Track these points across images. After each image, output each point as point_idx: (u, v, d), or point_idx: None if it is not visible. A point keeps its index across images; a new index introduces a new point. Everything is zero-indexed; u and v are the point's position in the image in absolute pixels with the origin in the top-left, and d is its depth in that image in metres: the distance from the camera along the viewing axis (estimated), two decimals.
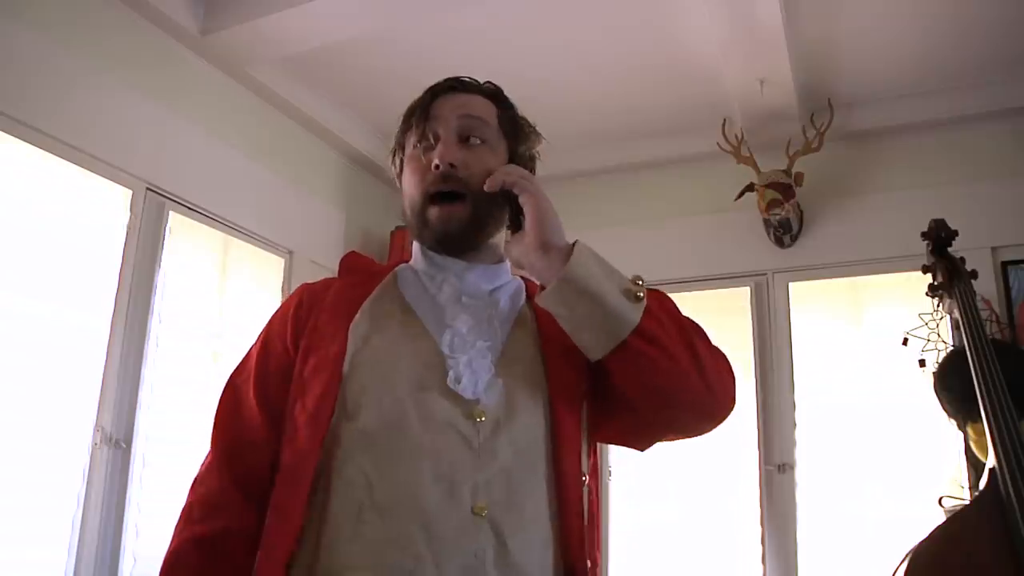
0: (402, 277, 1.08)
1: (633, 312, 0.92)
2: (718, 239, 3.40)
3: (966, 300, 2.08)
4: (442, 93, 1.07)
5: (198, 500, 1.00)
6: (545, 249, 0.95)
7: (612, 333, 0.92)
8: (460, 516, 0.86)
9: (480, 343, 0.98)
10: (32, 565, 2.12)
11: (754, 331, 3.25)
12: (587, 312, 0.92)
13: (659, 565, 3.20)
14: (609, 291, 0.92)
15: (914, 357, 2.47)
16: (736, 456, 3.15)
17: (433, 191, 1.01)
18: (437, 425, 0.91)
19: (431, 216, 1.02)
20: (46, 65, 2.26)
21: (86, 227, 2.38)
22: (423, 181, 1.02)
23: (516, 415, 0.94)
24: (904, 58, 2.93)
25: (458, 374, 0.94)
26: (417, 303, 1.03)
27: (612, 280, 0.94)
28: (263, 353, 1.05)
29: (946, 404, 2.36)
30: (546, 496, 0.93)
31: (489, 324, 1.02)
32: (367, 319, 0.99)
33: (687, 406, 0.96)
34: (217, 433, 1.03)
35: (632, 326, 0.91)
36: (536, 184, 1.00)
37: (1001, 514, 1.60)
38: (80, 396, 2.29)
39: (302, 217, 3.28)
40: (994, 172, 3.02)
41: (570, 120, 3.41)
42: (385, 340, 0.97)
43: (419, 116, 1.05)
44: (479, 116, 1.05)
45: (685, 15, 2.69)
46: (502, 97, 1.11)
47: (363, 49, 2.94)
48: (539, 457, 0.94)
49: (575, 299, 0.92)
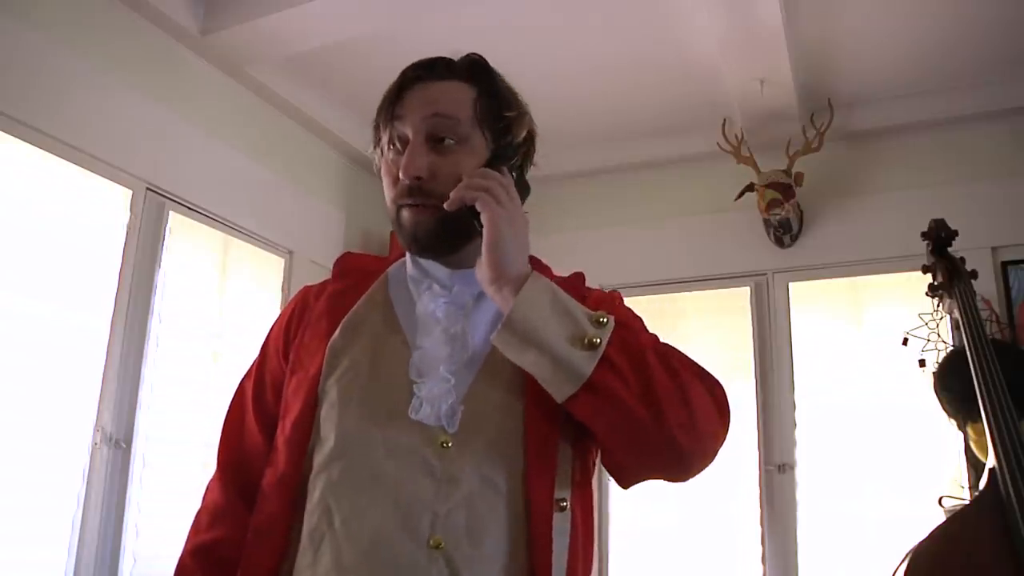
0: (393, 279, 1.03)
1: (584, 363, 0.83)
2: (718, 239, 3.40)
3: (966, 300, 2.07)
4: (409, 85, 0.96)
5: (205, 508, 1.01)
6: (497, 282, 0.86)
7: (560, 385, 0.84)
8: (414, 549, 0.82)
9: (443, 368, 0.90)
10: (32, 565, 2.12)
11: (754, 331, 3.25)
12: (533, 360, 0.84)
13: (659, 565, 3.20)
14: (555, 340, 0.83)
15: (914, 357, 2.46)
16: (736, 456, 3.15)
17: (402, 203, 0.94)
18: (401, 452, 0.86)
19: (403, 220, 0.95)
20: (46, 65, 2.26)
21: (86, 227, 2.38)
22: (392, 188, 0.95)
23: (484, 440, 0.87)
24: (904, 58, 2.93)
25: (420, 401, 0.88)
26: (402, 311, 0.98)
27: (563, 325, 0.84)
28: (261, 363, 1.04)
29: (946, 404, 2.36)
30: (510, 527, 0.85)
31: (461, 343, 0.92)
32: (345, 335, 0.95)
33: (651, 456, 0.87)
34: (221, 444, 1.03)
35: (582, 380, 0.82)
36: (503, 195, 0.89)
37: (1001, 514, 1.60)
38: (80, 396, 2.29)
39: (302, 217, 3.28)
40: (994, 172, 3.02)
41: (570, 120, 3.41)
42: (357, 360, 0.92)
43: (385, 116, 0.96)
44: (449, 114, 0.93)
45: (685, 15, 2.69)
46: (481, 75, 0.98)
47: (363, 49, 2.94)
48: (508, 484, 0.86)
49: (520, 346, 0.84)
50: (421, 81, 0.96)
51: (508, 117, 0.97)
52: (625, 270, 3.45)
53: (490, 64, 1.00)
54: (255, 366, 1.05)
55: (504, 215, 0.88)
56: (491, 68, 1.00)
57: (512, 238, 0.88)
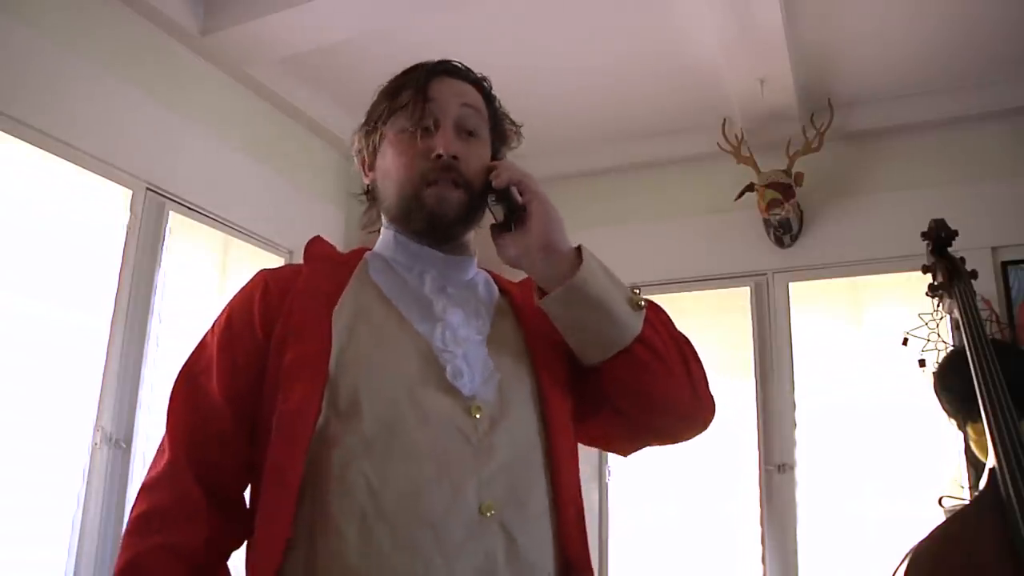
0: (373, 266, 1.02)
1: (636, 320, 0.94)
2: (718, 239, 3.39)
3: (966, 300, 2.07)
4: (437, 75, 1.02)
5: (155, 508, 0.88)
6: (548, 251, 0.95)
7: (615, 340, 0.93)
8: (468, 516, 0.83)
9: (474, 336, 0.96)
10: (32, 565, 2.13)
11: (754, 331, 3.25)
12: (592, 319, 0.93)
13: (659, 565, 3.20)
14: (615, 299, 0.94)
15: (914, 357, 2.46)
16: (736, 456, 3.15)
17: (433, 179, 0.97)
18: (435, 423, 0.87)
19: (427, 197, 0.97)
20: (46, 65, 2.26)
21: (86, 227, 2.38)
22: (418, 165, 0.97)
23: (511, 409, 0.92)
24: (904, 58, 2.93)
25: (457, 369, 0.91)
26: (397, 294, 0.98)
27: (617, 288, 0.95)
28: (226, 342, 0.95)
29: (946, 404, 2.36)
30: (543, 487, 0.91)
31: (477, 316, 0.99)
32: (349, 311, 0.93)
33: (676, 413, 0.98)
34: (175, 431, 0.92)
35: (635, 334, 0.93)
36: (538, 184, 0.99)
37: (1001, 514, 1.60)
38: (80, 396, 2.29)
39: (302, 217, 3.28)
40: (994, 172, 3.02)
41: (570, 120, 3.41)
42: (372, 334, 0.92)
43: (417, 96, 0.99)
44: (477, 107, 1.02)
45: (685, 16, 2.69)
46: (490, 90, 1.07)
47: (363, 49, 2.94)
48: (535, 451, 0.92)
49: (581, 305, 0.93)
50: (449, 75, 1.03)
51: (509, 131, 1.08)
52: (625, 270, 3.40)
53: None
54: (214, 347, 0.96)
55: (547, 196, 0.97)
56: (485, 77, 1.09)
57: (558, 216, 0.97)
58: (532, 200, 0.96)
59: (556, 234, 0.96)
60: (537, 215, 0.96)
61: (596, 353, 0.95)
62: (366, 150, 1.06)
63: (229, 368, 0.93)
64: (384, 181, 1.02)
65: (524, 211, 0.97)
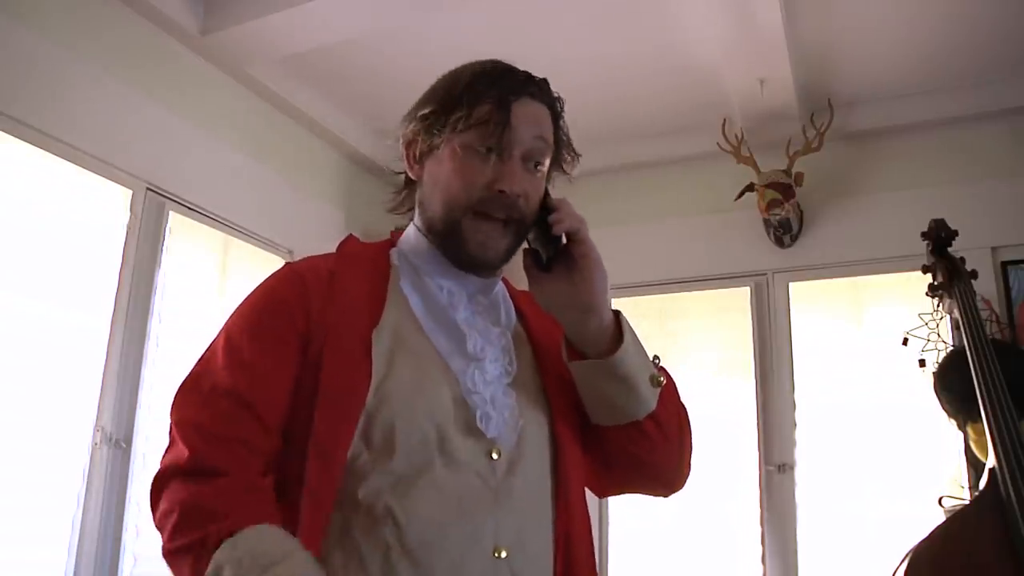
0: (404, 275, 0.98)
1: (653, 397, 0.96)
2: (718, 239, 3.39)
3: (966, 300, 2.07)
4: (520, 94, 0.95)
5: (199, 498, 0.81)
6: (590, 313, 0.94)
7: (629, 414, 0.96)
8: (483, 558, 0.84)
9: (501, 379, 0.94)
10: (32, 565, 2.13)
11: (754, 331, 3.25)
12: (616, 392, 0.95)
13: (659, 565, 3.20)
14: (641, 378, 0.95)
15: (914, 357, 2.46)
16: (736, 456, 3.15)
17: (484, 210, 0.93)
18: (459, 464, 0.87)
19: (471, 234, 0.93)
20: (46, 65, 2.26)
21: (86, 227, 2.38)
22: (475, 190, 0.92)
23: (526, 453, 0.92)
24: (904, 58, 2.93)
25: (486, 413, 0.90)
26: (428, 316, 0.95)
27: (644, 364, 0.96)
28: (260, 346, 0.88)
29: (946, 404, 2.36)
30: (550, 536, 0.91)
31: (505, 352, 0.97)
32: (388, 335, 0.90)
33: (660, 480, 1.04)
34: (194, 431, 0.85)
35: (649, 411, 0.96)
36: (588, 233, 0.96)
37: (1001, 514, 1.60)
38: (80, 396, 2.29)
39: (302, 217, 3.28)
40: (994, 172, 3.02)
41: (570, 120, 3.37)
42: (410, 368, 0.89)
43: (499, 118, 0.92)
44: (548, 141, 0.98)
45: (685, 15, 2.69)
46: (559, 111, 1.02)
47: (363, 49, 2.94)
48: (545, 494, 0.93)
49: (610, 380, 0.94)
50: (531, 97, 0.96)
51: (569, 160, 1.05)
52: (625, 270, 3.44)
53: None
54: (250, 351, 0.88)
55: (598, 251, 0.96)
56: (560, 97, 1.03)
57: (604, 273, 0.95)
58: (586, 255, 0.94)
59: (600, 296, 0.94)
60: (587, 272, 0.94)
61: (607, 419, 0.97)
62: (421, 144, 0.98)
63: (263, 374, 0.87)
64: (433, 188, 0.97)
65: (570, 258, 0.94)
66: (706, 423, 3.12)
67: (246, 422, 0.85)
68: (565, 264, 0.95)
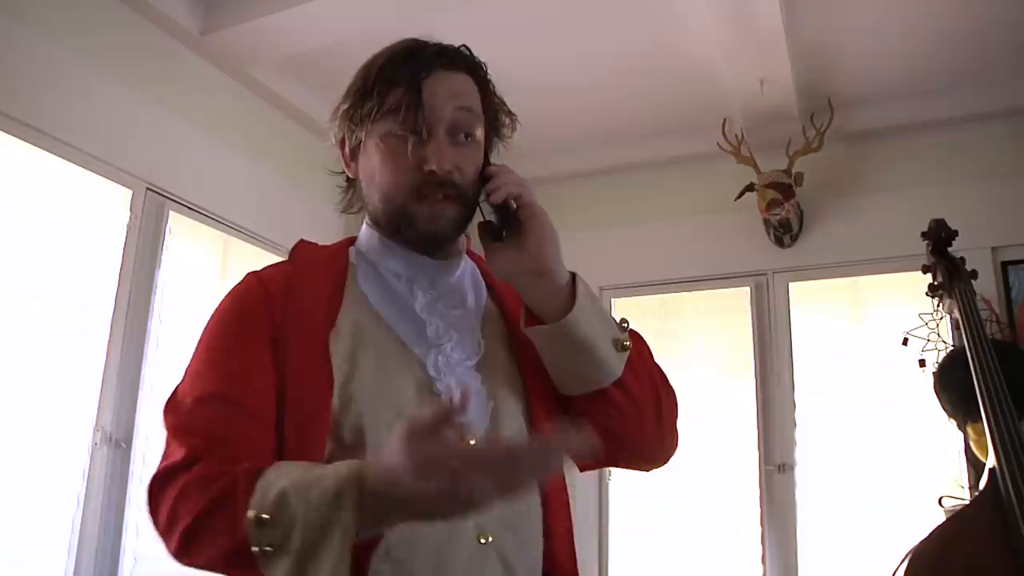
0: (361, 271, 0.98)
1: (618, 363, 0.92)
2: (718, 239, 3.39)
3: (966, 300, 2.08)
4: (430, 69, 0.92)
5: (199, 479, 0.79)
6: (542, 277, 0.90)
7: (593, 381, 0.92)
8: (467, 545, 0.83)
9: (466, 361, 0.92)
10: (32, 565, 2.13)
11: (754, 331, 3.25)
12: (576, 358, 0.91)
13: (659, 565, 3.20)
14: (601, 340, 0.91)
15: (914, 357, 2.47)
16: (736, 456, 3.15)
17: (425, 193, 0.91)
18: None
19: (418, 213, 0.91)
20: (46, 65, 2.26)
21: (86, 227, 2.38)
22: (407, 176, 0.91)
23: (501, 433, 0.90)
24: (904, 58, 2.93)
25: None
26: (388, 307, 0.94)
27: (605, 327, 0.92)
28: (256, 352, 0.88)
29: (946, 404, 2.36)
30: (540, 516, 0.90)
31: (471, 333, 0.95)
32: (347, 337, 0.89)
33: (640, 453, 0.99)
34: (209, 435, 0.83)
35: (614, 377, 0.92)
36: (535, 195, 0.93)
37: (1001, 514, 1.60)
38: (80, 396, 2.29)
39: (302, 217, 3.28)
40: (994, 172, 3.02)
41: (570, 120, 3.41)
42: (371, 363, 0.88)
43: (410, 100, 0.90)
44: (473, 109, 0.94)
45: (685, 16, 2.69)
46: (485, 75, 0.98)
47: (363, 49, 2.91)
48: None
49: (567, 345, 0.90)
50: (444, 68, 0.93)
51: (505, 124, 1.00)
52: (625, 270, 3.45)
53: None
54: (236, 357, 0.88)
55: (546, 212, 0.92)
56: (482, 62, 0.99)
57: (555, 236, 0.92)
58: (530, 218, 0.91)
59: (552, 259, 0.90)
60: (535, 235, 0.90)
61: (572, 388, 0.94)
62: (349, 141, 0.98)
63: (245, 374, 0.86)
64: (368, 185, 0.96)
65: (519, 224, 0.91)
66: (706, 423, 3.13)
67: (241, 420, 0.84)
68: (516, 231, 0.92)
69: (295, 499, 0.70)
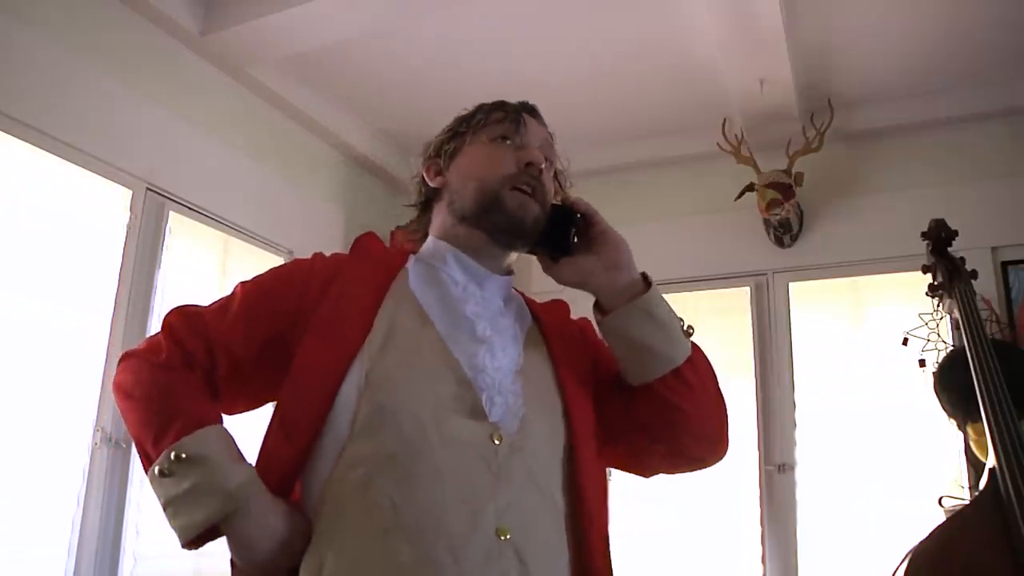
0: (414, 272, 1.05)
1: (688, 344, 1.02)
2: (718, 239, 3.39)
3: (966, 300, 2.08)
4: (527, 111, 1.12)
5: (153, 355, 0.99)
6: (619, 271, 1.03)
7: (669, 359, 1.00)
8: (486, 539, 0.86)
9: (508, 364, 0.98)
10: (32, 565, 2.12)
11: (754, 331, 3.25)
12: (656, 336, 1.00)
13: (659, 565, 3.20)
14: (674, 321, 1.03)
15: (914, 357, 2.47)
16: (736, 456, 3.13)
17: (518, 184, 1.04)
18: (458, 446, 0.89)
19: (509, 199, 1.03)
20: (46, 65, 2.26)
21: (86, 227, 2.38)
22: (507, 168, 1.05)
23: (531, 439, 0.94)
24: (904, 58, 2.93)
25: (491, 397, 0.94)
26: (435, 305, 1.01)
27: (675, 315, 1.03)
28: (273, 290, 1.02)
29: (946, 404, 2.36)
30: (561, 523, 0.93)
31: (515, 343, 1.02)
32: (383, 328, 0.95)
33: (703, 438, 1.05)
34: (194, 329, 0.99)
35: (687, 355, 1.01)
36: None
37: (1001, 514, 1.60)
38: (80, 396, 2.29)
39: (302, 217, 3.28)
40: (994, 172, 3.02)
41: (570, 120, 3.40)
42: (402, 354, 0.94)
43: (513, 117, 1.09)
44: (553, 147, 1.15)
45: (685, 15, 2.69)
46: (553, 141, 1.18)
47: (363, 49, 2.94)
48: (554, 483, 0.95)
49: (648, 321, 1.00)
50: (534, 116, 1.14)
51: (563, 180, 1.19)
52: None
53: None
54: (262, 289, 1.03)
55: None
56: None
57: (628, 245, 1.06)
58: (607, 230, 1.05)
59: (627, 256, 1.04)
60: (611, 243, 1.04)
61: (650, 370, 1.00)
62: (444, 154, 1.12)
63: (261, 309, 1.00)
64: (463, 181, 1.08)
65: (589, 240, 1.04)
66: None
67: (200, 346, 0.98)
68: (584, 246, 1.04)
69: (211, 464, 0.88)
